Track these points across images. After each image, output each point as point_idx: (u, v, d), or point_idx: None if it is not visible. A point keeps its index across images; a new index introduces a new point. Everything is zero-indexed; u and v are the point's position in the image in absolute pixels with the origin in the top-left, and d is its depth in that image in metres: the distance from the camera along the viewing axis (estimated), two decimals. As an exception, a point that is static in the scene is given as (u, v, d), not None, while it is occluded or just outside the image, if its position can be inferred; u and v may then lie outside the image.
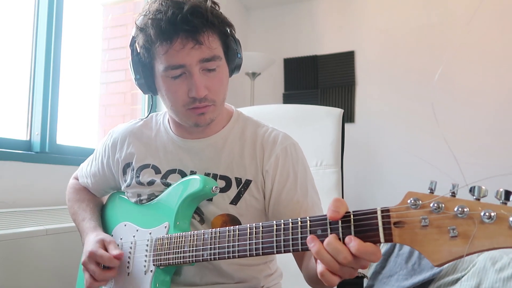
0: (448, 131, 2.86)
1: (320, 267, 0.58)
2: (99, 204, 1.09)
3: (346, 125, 1.53)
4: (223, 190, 0.88)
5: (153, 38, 0.79)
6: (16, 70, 1.76)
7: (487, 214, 0.46)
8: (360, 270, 1.62)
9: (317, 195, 0.92)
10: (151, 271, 0.84)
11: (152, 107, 0.99)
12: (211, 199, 0.88)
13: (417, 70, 2.99)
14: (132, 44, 0.87)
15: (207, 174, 0.90)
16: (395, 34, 3.10)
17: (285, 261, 1.14)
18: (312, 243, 0.58)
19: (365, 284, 1.87)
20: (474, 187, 0.48)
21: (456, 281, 1.69)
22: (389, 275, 1.86)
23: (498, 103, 2.77)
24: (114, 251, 0.84)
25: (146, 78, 0.87)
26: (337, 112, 1.44)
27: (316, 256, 0.58)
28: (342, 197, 1.41)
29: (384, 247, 1.98)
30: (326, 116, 1.44)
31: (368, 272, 1.93)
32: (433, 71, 2.94)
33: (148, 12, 0.81)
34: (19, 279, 1.23)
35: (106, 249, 0.86)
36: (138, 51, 0.86)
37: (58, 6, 1.72)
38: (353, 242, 0.55)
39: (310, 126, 1.45)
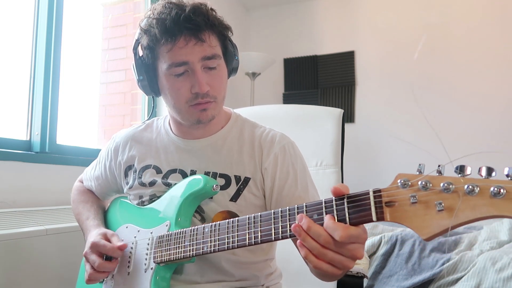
0: (449, 134, 2.86)
1: (303, 251, 0.61)
2: (102, 207, 1.11)
3: (346, 125, 1.53)
4: (223, 187, 0.90)
5: (158, 36, 0.83)
6: (16, 70, 1.76)
7: (470, 187, 0.49)
8: (360, 270, 1.61)
9: (316, 191, 0.95)
10: (151, 268, 0.84)
11: (153, 109, 1.01)
12: (211, 197, 0.90)
13: (417, 70, 2.99)
14: (135, 47, 0.91)
15: (207, 173, 0.92)
16: (395, 34, 3.10)
17: (285, 262, 1.14)
18: (298, 231, 0.61)
19: (365, 284, 1.87)
20: (460, 166, 0.50)
21: (456, 281, 1.69)
22: (389, 275, 1.86)
23: (500, 106, 2.77)
24: (118, 243, 0.86)
25: (149, 79, 0.90)
26: (337, 112, 1.44)
27: (303, 243, 0.61)
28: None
29: (384, 247, 1.98)
30: (326, 116, 1.44)
31: (368, 272, 1.93)
32: (433, 71, 2.94)
33: (152, 14, 0.85)
34: (19, 279, 1.23)
35: (109, 241, 0.88)
36: (141, 53, 0.90)
37: (58, 6, 1.72)
38: (325, 220, 0.59)
39: (310, 126, 1.45)
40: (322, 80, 3.31)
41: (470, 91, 2.86)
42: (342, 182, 1.40)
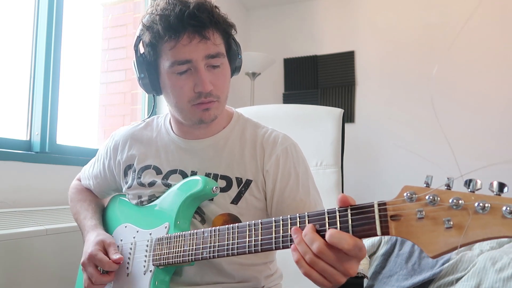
0: (449, 135, 2.86)
1: (295, 255, 0.60)
2: (100, 205, 1.10)
3: (346, 125, 1.53)
4: (224, 189, 0.89)
5: (161, 33, 0.81)
6: (16, 70, 1.76)
7: (481, 204, 0.47)
8: (360, 270, 1.61)
9: (318, 194, 0.93)
10: (151, 271, 0.84)
11: (154, 108, 0.99)
12: (212, 199, 0.89)
13: (417, 70, 2.99)
14: (136, 45, 0.88)
15: (208, 174, 0.91)
16: (395, 34, 3.10)
17: (285, 262, 1.14)
18: (295, 235, 0.60)
19: (365, 284, 1.87)
20: (469, 180, 0.48)
21: (456, 281, 1.69)
22: (389, 275, 1.86)
23: (500, 106, 2.77)
24: (114, 256, 0.84)
25: (150, 77, 0.88)
26: (337, 112, 1.44)
27: (297, 247, 0.60)
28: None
29: (384, 247, 1.98)
30: (326, 116, 1.44)
31: (368, 272, 1.93)
32: (433, 71, 2.94)
33: (155, 10, 0.83)
34: (19, 279, 1.22)
35: (106, 251, 0.86)
36: (143, 50, 0.87)
37: (58, 6, 1.72)
38: (328, 231, 0.57)
39: (310, 126, 1.45)
40: (322, 80, 3.31)
41: (470, 91, 2.85)
42: (342, 182, 1.40)
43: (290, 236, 0.63)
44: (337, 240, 0.55)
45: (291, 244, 0.63)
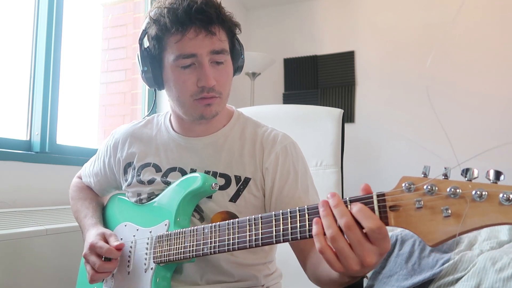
0: (449, 135, 2.85)
1: (316, 228, 0.58)
2: (100, 204, 1.10)
3: (346, 125, 1.53)
4: (222, 187, 0.90)
5: (169, 25, 0.82)
6: (16, 70, 1.76)
7: (478, 192, 0.47)
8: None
9: (316, 193, 0.94)
10: (152, 268, 0.84)
11: (154, 105, 1.00)
12: (210, 197, 0.89)
13: (417, 70, 2.99)
14: (141, 38, 0.89)
15: (207, 172, 0.91)
16: (395, 34, 3.10)
17: (285, 262, 1.14)
18: (323, 207, 0.58)
19: (365, 284, 1.87)
20: (466, 169, 0.49)
21: (456, 281, 1.69)
22: (389, 275, 1.86)
23: (500, 106, 2.77)
24: (114, 243, 0.85)
25: (154, 71, 0.88)
26: (337, 112, 1.44)
27: (321, 220, 0.58)
28: (342, 197, 1.40)
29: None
30: (326, 116, 1.44)
31: (368, 272, 1.93)
32: (433, 71, 2.94)
33: (162, 4, 0.84)
34: (19, 279, 1.23)
35: (107, 242, 0.87)
36: (148, 44, 0.88)
37: (58, 6, 1.72)
38: (357, 204, 0.55)
39: (310, 126, 1.45)
40: (322, 80, 3.31)
41: (470, 91, 2.85)
42: (342, 182, 1.40)
43: (290, 229, 0.63)
44: (362, 216, 0.53)
45: (291, 238, 0.63)
